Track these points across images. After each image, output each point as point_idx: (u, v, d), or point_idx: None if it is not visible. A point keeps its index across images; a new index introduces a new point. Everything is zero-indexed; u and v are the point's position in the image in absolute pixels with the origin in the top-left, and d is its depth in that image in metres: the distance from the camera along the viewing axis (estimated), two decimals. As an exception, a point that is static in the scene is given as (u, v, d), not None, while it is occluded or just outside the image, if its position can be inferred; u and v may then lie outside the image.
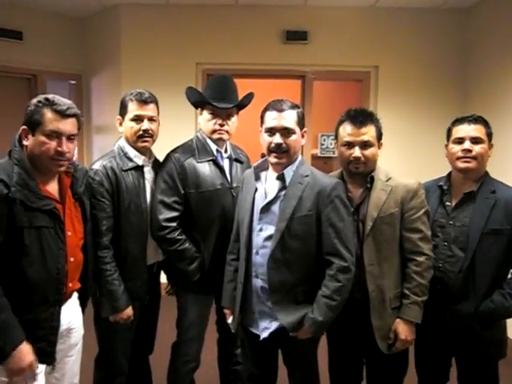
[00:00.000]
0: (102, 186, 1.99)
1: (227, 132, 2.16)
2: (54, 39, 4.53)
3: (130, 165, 2.07)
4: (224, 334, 2.39)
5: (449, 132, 1.99)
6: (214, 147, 2.17)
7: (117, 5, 4.27)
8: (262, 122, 1.85)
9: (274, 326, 1.81)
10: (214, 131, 2.15)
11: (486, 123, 1.93)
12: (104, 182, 1.99)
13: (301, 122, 1.83)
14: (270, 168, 1.88)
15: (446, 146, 1.99)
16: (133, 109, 2.06)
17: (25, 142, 1.62)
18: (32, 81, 4.48)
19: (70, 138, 1.63)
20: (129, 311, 2.03)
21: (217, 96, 2.12)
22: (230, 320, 2.01)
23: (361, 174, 1.87)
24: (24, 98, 1.55)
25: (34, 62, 4.42)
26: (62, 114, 1.60)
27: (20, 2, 4.20)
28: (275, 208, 1.79)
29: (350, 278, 1.73)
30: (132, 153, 2.10)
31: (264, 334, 1.84)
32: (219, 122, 2.13)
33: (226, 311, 2.03)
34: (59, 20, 4.53)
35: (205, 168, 2.14)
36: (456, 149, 1.91)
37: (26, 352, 1.54)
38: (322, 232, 1.76)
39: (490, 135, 1.92)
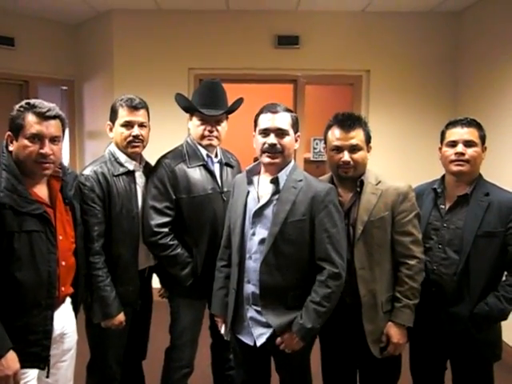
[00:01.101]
0: (93, 191, 1.98)
1: (217, 138, 2.17)
2: (46, 45, 4.52)
3: (121, 170, 2.07)
4: (217, 338, 2.37)
5: (442, 135, 1.99)
6: (204, 152, 2.17)
7: (109, 11, 4.27)
8: (256, 125, 1.85)
9: (268, 332, 1.79)
10: (203, 137, 2.15)
11: (479, 126, 1.93)
12: (95, 187, 1.98)
13: (295, 126, 1.83)
14: (263, 172, 1.87)
15: (440, 148, 2.00)
16: (123, 115, 2.06)
17: (10, 148, 1.62)
18: (24, 87, 4.46)
19: (53, 140, 1.62)
20: (120, 317, 2.01)
21: (206, 102, 2.12)
22: (222, 329, 1.98)
23: (350, 178, 1.87)
24: (15, 104, 1.55)
25: (25, 68, 4.40)
26: (43, 116, 1.60)
27: (12, 9, 4.18)
28: (268, 212, 1.78)
29: (339, 284, 1.72)
30: (123, 158, 2.09)
31: (260, 341, 1.81)
32: (208, 128, 2.14)
33: (217, 319, 2.00)
34: (51, 26, 4.52)
35: (195, 173, 2.14)
36: (449, 152, 1.92)
37: (12, 360, 1.53)
38: (314, 237, 1.75)
39: (483, 138, 1.93)
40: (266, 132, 1.79)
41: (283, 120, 1.79)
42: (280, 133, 1.78)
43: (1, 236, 1.52)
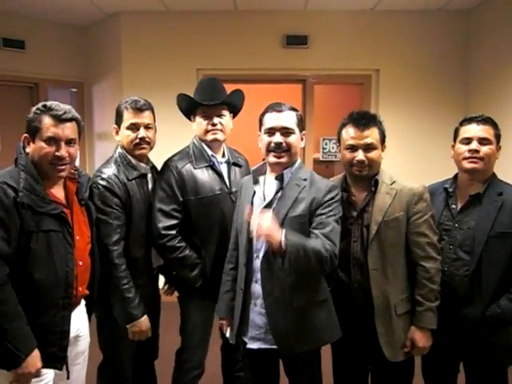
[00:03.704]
0: (116, 194, 1.98)
1: (221, 131, 2.15)
2: (56, 48, 4.55)
3: (135, 174, 2.08)
4: (228, 339, 2.37)
5: (456, 132, 1.96)
6: (209, 152, 2.16)
7: (117, 13, 4.29)
8: (261, 124, 1.85)
9: (263, 337, 1.78)
10: (207, 132, 2.14)
11: (494, 124, 1.91)
12: (116, 190, 1.99)
13: (300, 124, 1.83)
14: (269, 171, 1.87)
15: (453, 146, 1.97)
16: (128, 117, 2.06)
17: (27, 150, 1.64)
18: (34, 89, 4.51)
19: (69, 142, 1.64)
20: (146, 322, 2.01)
21: (205, 98, 2.12)
22: (227, 333, 1.97)
23: (365, 177, 1.85)
24: (26, 106, 1.57)
25: (36, 71, 4.44)
26: (60, 119, 1.61)
27: (22, 12, 4.22)
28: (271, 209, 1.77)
29: (331, 255, 1.65)
30: (134, 161, 2.09)
31: (252, 345, 1.81)
32: (211, 122, 2.13)
33: (223, 322, 1.99)
34: (61, 29, 4.56)
35: (203, 174, 2.13)
36: (463, 149, 1.89)
37: (36, 358, 1.56)
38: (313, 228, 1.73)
39: (498, 137, 1.90)
40: (271, 131, 1.79)
41: (288, 119, 1.79)
42: (285, 131, 1.78)
43: (20, 235, 1.54)
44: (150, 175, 2.16)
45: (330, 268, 1.70)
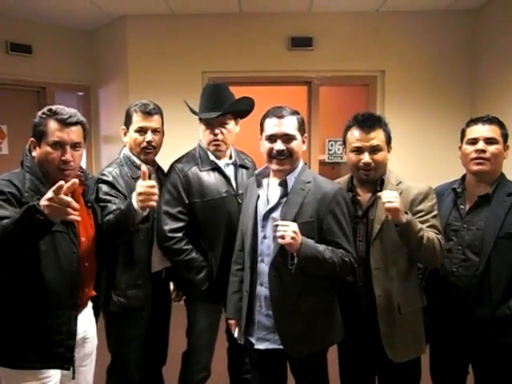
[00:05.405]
0: (117, 189, 1.99)
1: (223, 141, 2.14)
2: (62, 52, 4.58)
3: (139, 173, 2.08)
4: (234, 342, 2.34)
5: (462, 133, 1.96)
6: (211, 157, 2.16)
7: (123, 16, 4.31)
8: (262, 129, 1.84)
9: (271, 338, 1.79)
10: (210, 142, 2.14)
11: (500, 124, 1.90)
12: (117, 185, 2.01)
13: (301, 128, 1.82)
14: (272, 175, 1.87)
15: (460, 147, 1.96)
16: (137, 120, 2.08)
17: (33, 154, 1.66)
18: (41, 93, 4.54)
19: (74, 146, 1.65)
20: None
21: (209, 106, 2.12)
22: (236, 333, 1.97)
23: (371, 180, 1.84)
24: (33, 110, 1.60)
25: (42, 75, 4.48)
26: (65, 123, 1.63)
27: (29, 17, 4.26)
28: (277, 215, 1.77)
29: (349, 268, 1.72)
30: (138, 161, 2.11)
31: (259, 346, 1.82)
32: (213, 132, 2.12)
33: (231, 322, 1.99)
34: (67, 33, 4.59)
35: (209, 176, 2.13)
36: (469, 149, 1.88)
37: None
38: (323, 239, 1.73)
39: (505, 136, 1.89)
40: (272, 138, 1.78)
41: (289, 125, 1.78)
42: (287, 138, 1.77)
43: None
44: (153, 175, 2.16)
45: (347, 273, 1.77)
